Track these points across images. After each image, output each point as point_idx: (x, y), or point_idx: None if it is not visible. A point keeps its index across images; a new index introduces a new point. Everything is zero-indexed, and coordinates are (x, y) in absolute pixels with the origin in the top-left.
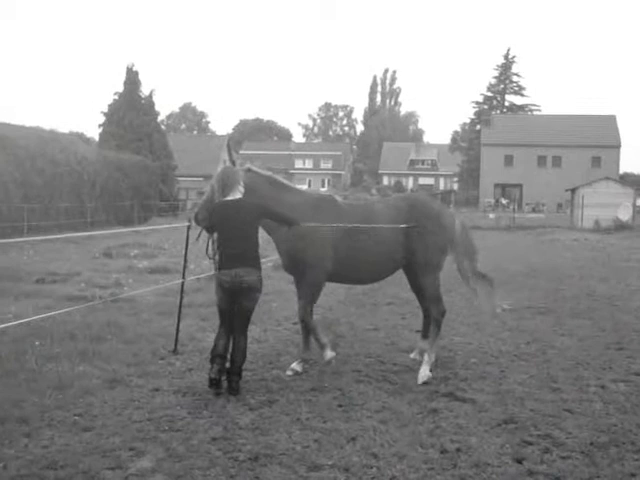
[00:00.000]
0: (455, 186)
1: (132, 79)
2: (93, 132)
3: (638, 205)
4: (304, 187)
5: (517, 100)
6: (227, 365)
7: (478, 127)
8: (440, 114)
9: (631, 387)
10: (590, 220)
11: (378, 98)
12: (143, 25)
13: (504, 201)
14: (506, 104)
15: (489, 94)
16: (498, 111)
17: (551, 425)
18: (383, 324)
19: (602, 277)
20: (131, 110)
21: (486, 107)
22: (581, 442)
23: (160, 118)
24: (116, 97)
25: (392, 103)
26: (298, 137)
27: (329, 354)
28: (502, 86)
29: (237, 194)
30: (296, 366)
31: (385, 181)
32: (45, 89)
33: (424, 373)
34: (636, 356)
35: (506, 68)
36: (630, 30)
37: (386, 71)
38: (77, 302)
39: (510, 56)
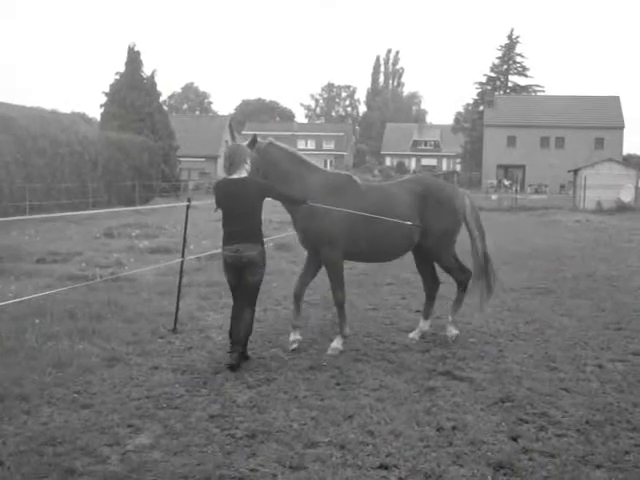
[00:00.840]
0: (458, 167)
1: (134, 59)
2: (95, 112)
3: None
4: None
5: (521, 81)
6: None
7: (481, 108)
8: (443, 95)
9: (628, 366)
10: (592, 201)
11: (381, 78)
12: (145, 4)
13: (506, 182)
14: (509, 85)
15: (492, 75)
16: (501, 92)
17: (547, 404)
18: (382, 304)
19: (603, 258)
20: (133, 90)
21: (489, 88)
22: (577, 420)
23: (162, 98)
24: (117, 77)
25: (395, 84)
26: (300, 118)
27: (339, 345)
28: (505, 67)
29: (243, 172)
30: (338, 344)
31: (388, 162)
32: (46, 69)
33: (452, 332)
34: (634, 336)
35: (510, 48)
36: (634, 11)
37: (389, 51)
38: (77, 281)
39: (514, 36)
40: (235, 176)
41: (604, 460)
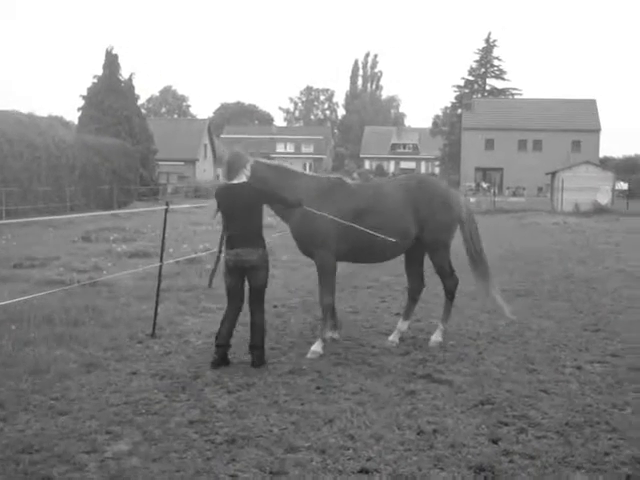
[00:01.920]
0: (436, 170)
1: (111, 62)
2: (72, 116)
3: (617, 189)
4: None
5: (498, 84)
6: (229, 349)
7: (459, 111)
8: (421, 98)
9: (607, 368)
10: (570, 204)
11: (359, 82)
12: (123, 7)
13: (485, 185)
14: (487, 88)
15: (470, 78)
16: (479, 95)
17: (527, 406)
18: (363, 307)
19: (581, 260)
20: (110, 94)
21: (467, 91)
22: (556, 422)
23: (140, 102)
24: (95, 80)
25: (373, 87)
26: (279, 121)
27: (319, 349)
28: (483, 70)
29: (242, 178)
30: (318, 348)
31: (367, 165)
32: (23, 72)
33: (436, 339)
34: (612, 337)
35: (487, 52)
36: (610, 15)
37: (367, 55)
38: (55, 286)
39: (491, 40)
40: (235, 181)
41: (584, 461)
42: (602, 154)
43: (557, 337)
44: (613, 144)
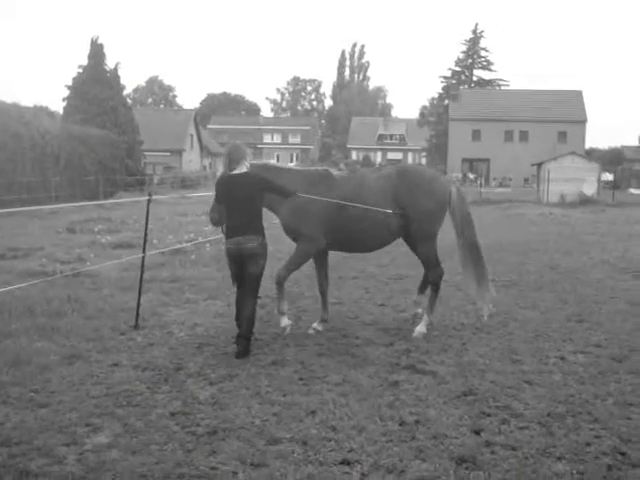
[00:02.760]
0: (423, 161)
1: (97, 52)
2: (57, 106)
3: (603, 180)
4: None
5: (485, 75)
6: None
7: (446, 102)
8: (409, 89)
9: (590, 358)
10: (556, 195)
11: (347, 72)
12: None
13: (471, 176)
14: (474, 79)
15: (457, 69)
16: (466, 86)
17: (510, 396)
18: (347, 298)
19: (566, 251)
20: (96, 84)
21: (454, 82)
22: (539, 413)
23: (126, 92)
24: (80, 70)
25: (360, 78)
26: (266, 112)
27: (285, 322)
28: (470, 61)
29: (243, 168)
30: (317, 325)
31: (354, 156)
32: (7, 62)
33: (420, 330)
34: (596, 328)
35: (474, 43)
36: (597, 6)
37: (354, 45)
38: (37, 277)
39: (478, 31)
40: (236, 172)
41: (565, 452)
42: (588, 145)
43: (541, 328)
44: (599, 135)
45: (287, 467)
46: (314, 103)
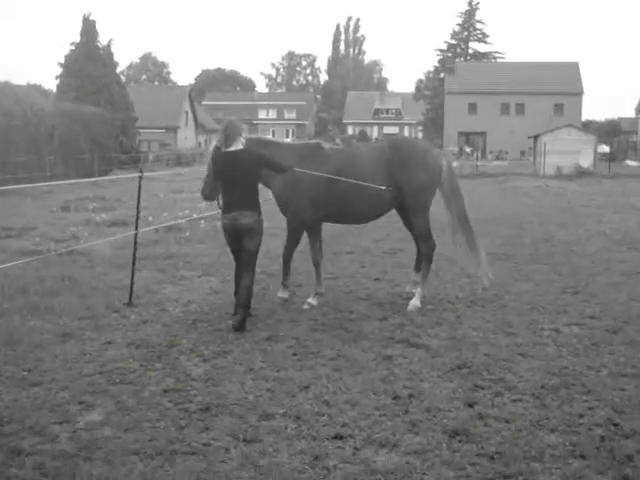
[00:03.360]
0: (419, 135)
1: (89, 29)
2: (51, 84)
3: (599, 152)
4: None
5: (481, 47)
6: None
7: (442, 75)
8: (404, 63)
9: (584, 330)
10: (552, 167)
11: (342, 47)
12: None
13: (468, 149)
14: (470, 52)
15: (453, 42)
16: (462, 59)
17: (504, 369)
18: (342, 272)
19: (561, 223)
20: (89, 61)
21: (450, 55)
22: (532, 385)
23: (120, 69)
24: (73, 48)
25: (356, 52)
26: (261, 87)
27: (282, 293)
28: (466, 33)
29: (239, 145)
30: (312, 300)
31: (350, 130)
32: None
33: (414, 303)
34: (590, 300)
35: (470, 15)
36: None
37: (349, 19)
38: (31, 256)
39: (474, 3)
40: (232, 148)
41: (558, 424)
42: (584, 117)
43: (536, 300)
44: (596, 107)
45: (280, 442)
46: (309, 78)
